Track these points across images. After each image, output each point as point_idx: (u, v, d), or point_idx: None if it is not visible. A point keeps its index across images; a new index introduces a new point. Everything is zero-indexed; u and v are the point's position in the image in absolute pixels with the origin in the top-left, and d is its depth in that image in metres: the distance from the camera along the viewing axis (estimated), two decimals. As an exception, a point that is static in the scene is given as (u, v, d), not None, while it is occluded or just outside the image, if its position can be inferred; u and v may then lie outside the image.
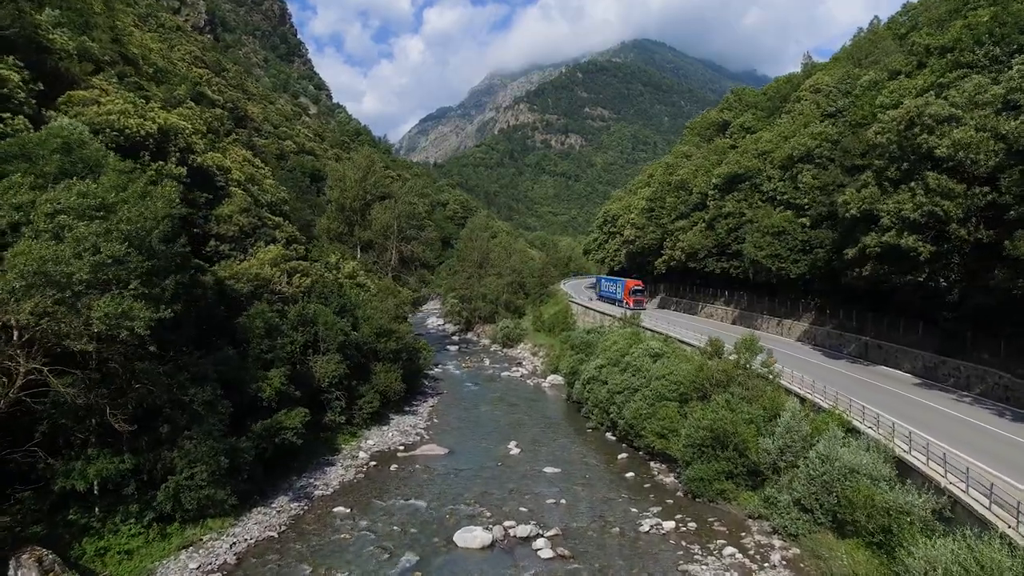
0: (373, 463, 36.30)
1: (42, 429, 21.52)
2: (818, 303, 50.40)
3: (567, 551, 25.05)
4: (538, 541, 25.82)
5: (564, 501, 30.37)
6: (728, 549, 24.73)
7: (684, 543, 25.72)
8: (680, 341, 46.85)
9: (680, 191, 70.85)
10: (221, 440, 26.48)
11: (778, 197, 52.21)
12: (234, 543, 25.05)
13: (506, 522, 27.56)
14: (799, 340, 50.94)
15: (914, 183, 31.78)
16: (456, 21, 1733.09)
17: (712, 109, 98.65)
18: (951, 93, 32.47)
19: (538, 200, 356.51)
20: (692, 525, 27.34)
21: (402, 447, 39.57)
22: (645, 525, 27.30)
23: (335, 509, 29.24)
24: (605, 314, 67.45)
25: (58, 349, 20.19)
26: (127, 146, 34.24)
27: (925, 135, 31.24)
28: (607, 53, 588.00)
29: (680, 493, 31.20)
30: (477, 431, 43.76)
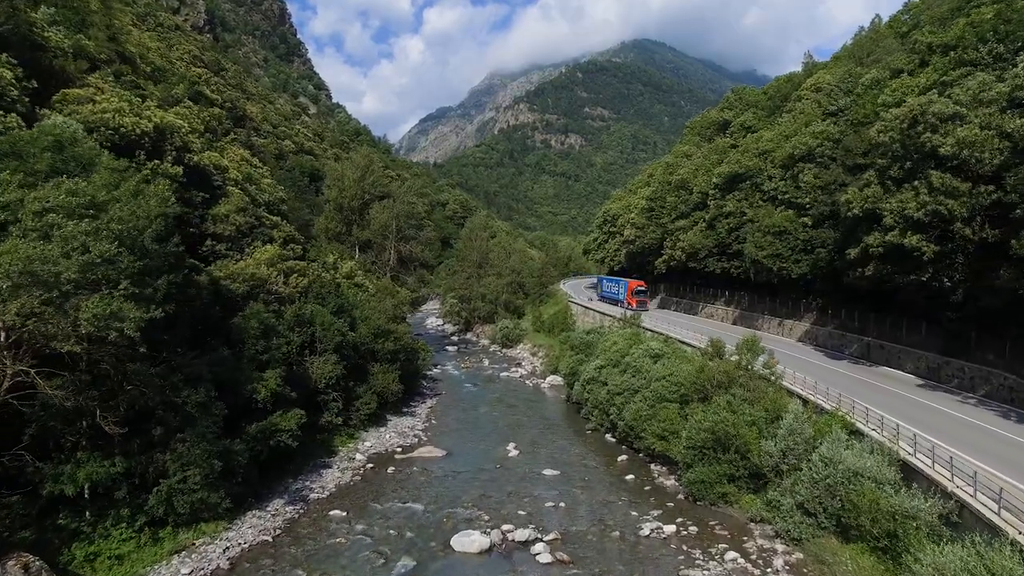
0: (370, 465, 35.90)
1: (30, 432, 21.12)
2: (819, 303, 50.00)
3: (566, 556, 24.63)
4: (537, 545, 25.40)
5: (563, 504, 29.96)
6: (730, 554, 24.31)
7: (685, 547, 25.31)
8: (680, 342, 46.46)
9: (680, 191, 70.44)
10: (215, 442, 26.05)
11: (779, 196, 51.80)
12: (227, 547, 24.63)
13: (504, 526, 27.14)
14: (800, 341, 50.56)
15: (918, 182, 31.38)
16: (456, 21, 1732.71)
17: (712, 108, 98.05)
18: (955, 91, 32.08)
19: (538, 200, 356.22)
20: (693, 529, 26.94)
21: (400, 449, 39.16)
22: (646, 529, 26.89)
23: (331, 512, 28.83)
24: (605, 314, 67.03)
25: (47, 350, 19.79)
26: (122, 145, 33.88)
27: (929, 133, 30.83)
28: (607, 53, 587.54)
29: (681, 496, 30.80)
30: (475, 432, 43.34)
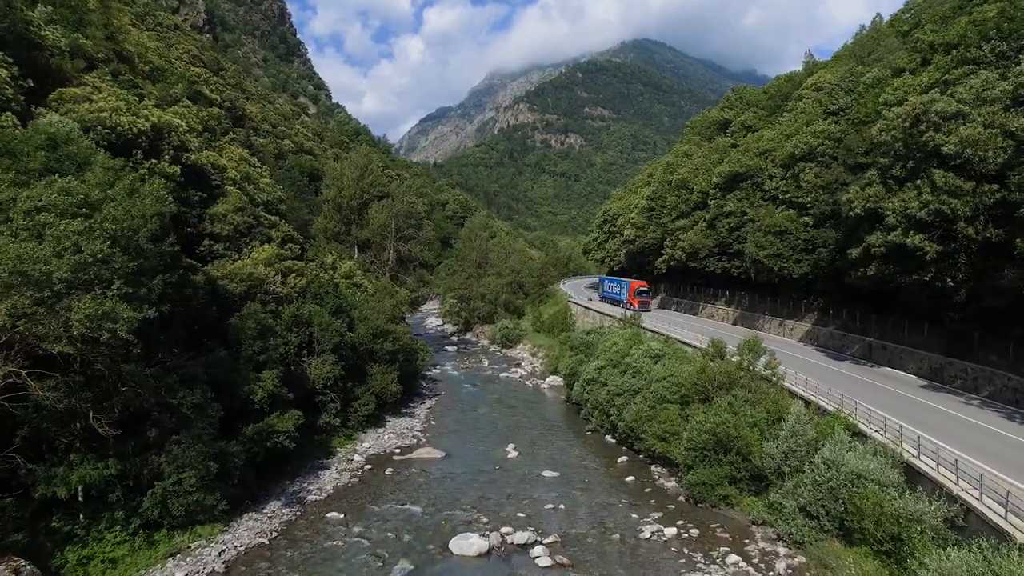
0: (368, 467, 35.62)
1: (22, 434, 20.82)
2: (821, 303, 49.70)
3: (566, 559, 24.34)
4: (536, 548, 25.12)
5: (563, 506, 29.68)
6: (732, 557, 24.04)
7: (686, 550, 25.03)
8: (681, 342, 46.17)
9: (681, 190, 70.11)
10: (211, 444, 25.77)
11: (780, 196, 51.53)
12: (223, 550, 24.36)
13: (503, 528, 26.86)
14: (801, 341, 50.27)
15: (920, 181, 31.07)
16: (456, 21, 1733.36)
17: (713, 108, 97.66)
18: (957, 90, 31.77)
19: (538, 200, 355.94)
20: (694, 531, 26.66)
21: (398, 450, 38.88)
22: (646, 531, 26.61)
23: (328, 515, 28.54)
24: (605, 314, 66.74)
25: (39, 351, 19.51)
26: (119, 144, 33.54)
27: (932, 132, 30.51)
28: (607, 53, 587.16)
29: (682, 498, 30.52)
30: (475, 433, 43.06)
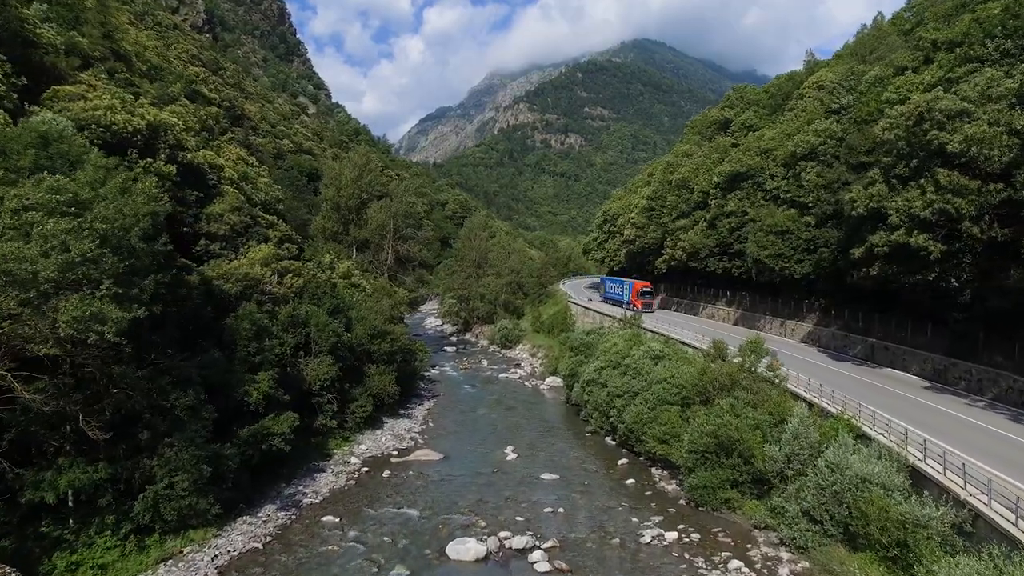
0: (365, 469, 35.23)
1: (9, 437, 20.41)
2: (823, 304, 49.28)
3: (565, 564, 23.92)
4: (535, 553, 24.71)
5: (562, 510, 29.26)
6: (734, 562, 23.62)
7: (687, 555, 24.62)
8: (681, 343, 45.77)
9: (681, 190, 69.72)
10: (204, 447, 25.31)
11: (781, 195, 51.12)
12: (216, 555, 23.93)
13: (501, 532, 26.45)
14: (803, 341, 49.87)
15: (924, 180, 30.66)
16: (456, 21, 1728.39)
17: (713, 107, 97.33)
18: (961, 88, 31.40)
19: (538, 200, 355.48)
20: (696, 536, 26.25)
21: (396, 452, 38.47)
22: (647, 536, 26.20)
23: (324, 518, 28.13)
24: (605, 315, 66.34)
25: (26, 353, 19.11)
26: (114, 142, 33.13)
27: (935, 131, 30.09)
28: (607, 53, 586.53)
29: (683, 501, 30.11)
30: (473, 435, 42.66)
